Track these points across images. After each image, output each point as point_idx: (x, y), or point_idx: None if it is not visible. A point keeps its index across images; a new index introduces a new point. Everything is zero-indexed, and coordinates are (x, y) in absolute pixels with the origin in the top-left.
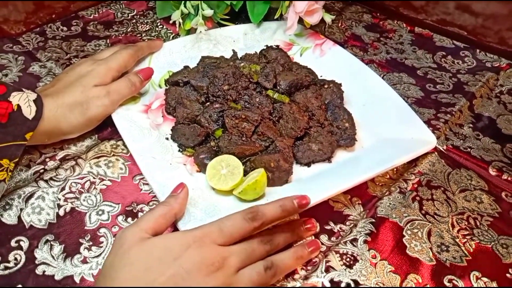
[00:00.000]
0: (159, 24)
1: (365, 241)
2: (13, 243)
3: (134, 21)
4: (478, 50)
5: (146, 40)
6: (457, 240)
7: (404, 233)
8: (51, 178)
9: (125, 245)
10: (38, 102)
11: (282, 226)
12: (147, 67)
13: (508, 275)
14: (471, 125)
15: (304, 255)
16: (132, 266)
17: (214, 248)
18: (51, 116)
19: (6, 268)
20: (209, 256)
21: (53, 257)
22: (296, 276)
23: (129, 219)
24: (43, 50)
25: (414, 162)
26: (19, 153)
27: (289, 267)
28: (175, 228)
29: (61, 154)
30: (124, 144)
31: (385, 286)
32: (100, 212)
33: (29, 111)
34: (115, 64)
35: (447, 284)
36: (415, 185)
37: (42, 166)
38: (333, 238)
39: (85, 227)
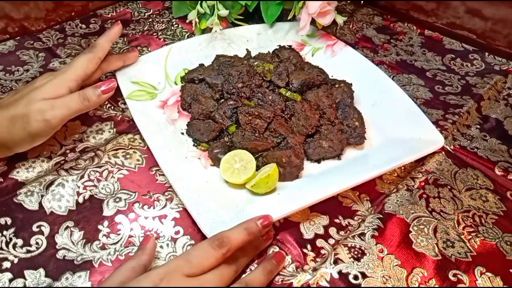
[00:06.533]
0: (174, 23)
1: (373, 236)
2: (34, 228)
3: (150, 20)
4: (486, 53)
5: (130, 48)
6: (462, 236)
7: (410, 229)
8: (71, 168)
9: None
10: None
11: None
12: (109, 79)
13: (511, 270)
14: (478, 126)
15: (273, 269)
16: None
17: (185, 282)
18: None
19: (28, 251)
20: None
21: (73, 242)
22: (306, 267)
23: (145, 207)
24: (62, 46)
25: (421, 161)
26: None
27: (262, 284)
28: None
29: (81, 147)
30: (141, 138)
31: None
32: (117, 200)
33: None
34: (72, 74)
35: (452, 278)
36: (422, 183)
37: (63, 158)
38: (341, 232)
39: (103, 214)
